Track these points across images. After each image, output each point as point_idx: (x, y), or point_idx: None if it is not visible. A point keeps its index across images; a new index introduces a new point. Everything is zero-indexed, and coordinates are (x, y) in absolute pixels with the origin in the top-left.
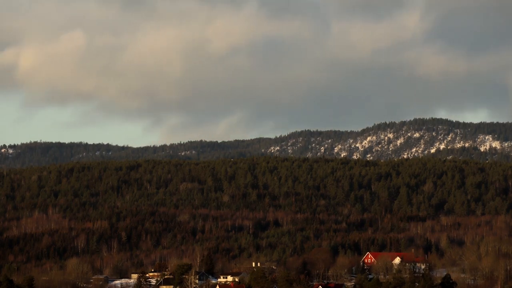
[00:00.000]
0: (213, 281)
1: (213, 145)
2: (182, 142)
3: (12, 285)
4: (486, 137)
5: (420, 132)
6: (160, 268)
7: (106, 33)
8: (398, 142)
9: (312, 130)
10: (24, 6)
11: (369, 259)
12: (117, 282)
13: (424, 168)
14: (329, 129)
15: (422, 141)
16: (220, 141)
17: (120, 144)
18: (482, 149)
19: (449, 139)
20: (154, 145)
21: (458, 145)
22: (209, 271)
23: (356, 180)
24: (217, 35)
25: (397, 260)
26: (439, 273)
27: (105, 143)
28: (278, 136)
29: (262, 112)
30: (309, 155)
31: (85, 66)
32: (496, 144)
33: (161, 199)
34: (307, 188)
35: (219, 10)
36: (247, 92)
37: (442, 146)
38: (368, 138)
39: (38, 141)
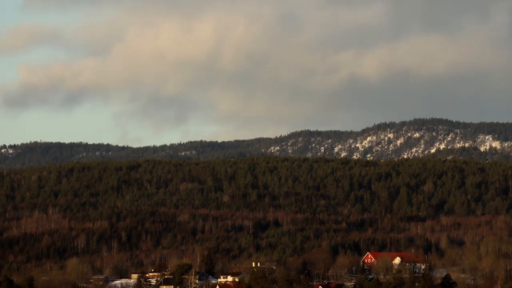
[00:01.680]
0: (213, 281)
1: (213, 145)
2: (182, 142)
3: (12, 285)
4: (486, 137)
5: (420, 132)
6: (160, 268)
7: None
8: (398, 142)
9: (312, 130)
10: None
11: (369, 259)
12: (117, 282)
13: (424, 168)
14: (329, 129)
15: (422, 141)
16: (220, 141)
17: (120, 144)
18: (482, 149)
19: (449, 139)
20: (154, 145)
21: (458, 145)
22: (209, 271)
23: (356, 180)
24: None
25: (397, 260)
26: (439, 273)
27: (105, 143)
28: (278, 136)
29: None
30: (309, 155)
31: None
32: (496, 144)
33: (161, 199)
34: (307, 188)
35: None
36: None
37: (442, 146)
38: (368, 138)
39: (38, 141)
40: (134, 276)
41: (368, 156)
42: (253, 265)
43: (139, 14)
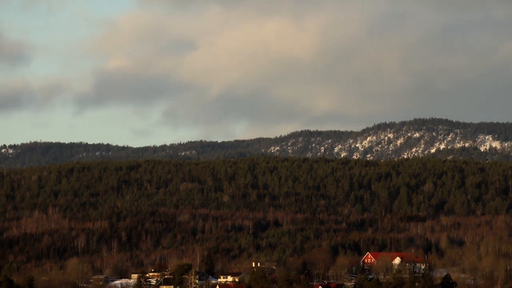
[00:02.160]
0: (213, 281)
1: (213, 145)
2: (182, 142)
3: (12, 285)
4: (486, 137)
5: (420, 132)
6: (160, 268)
7: None
8: (398, 142)
9: (312, 130)
10: None
11: (369, 259)
12: (117, 282)
13: (424, 168)
14: (329, 129)
15: (422, 141)
16: (220, 141)
17: (120, 144)
18: (482, 149)
19: (449, 139)
20: (154, 145)
21: (458, 145)
22: (209, 271)
23: (356, 180)
24: None
25: (397, 260)
26: (439, 273)
27: (105, 143)
28: (278, 136)
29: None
30: (309, 155)
31: None
32: (496, 144)
33: (161, 199)
34: (307, 188)
35: None
36: None
37: (442, 146)
38: (368, 138)
39: (38, 141)
40: (134, 276)
41: (368, 156)
42: (253, 265)
43: (249, 10)
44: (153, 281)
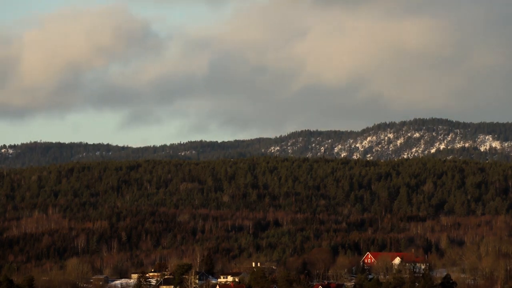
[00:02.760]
0: (213, 281)
1: (213, 145)
2: (182, 142)
3: (12, 285)
4: (486, 137)
5: (420, 132)
6: (160, 268)
7: None
8: (398, 142)
9: (312, 130)
10: None
11: (369, 259)
12: (117, 282)
13: (424, 168)
14: (329, 129)
15: (422, 141)
16: (220, 141)
17: (120, 144)
18: (482, 149)
19: (449, 139)
20: (154, 145)
21: (458, 145)
22: (209, 271)
23: (356, 180)
24: None
25: (397, 260)
26: (439, 273)
27: (105, 143)
28: (278, 136)
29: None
30: (309, 155)
31: None
32: (496, 144)
33: (161, 199)
34: (307, 188)
35: None
36: None
37: (442, 146)
38: (368, 138)
39: (38, 141)
40: (134, 276)
41: (368, 156)
42: (253, 265)
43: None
44: (153, 281)
